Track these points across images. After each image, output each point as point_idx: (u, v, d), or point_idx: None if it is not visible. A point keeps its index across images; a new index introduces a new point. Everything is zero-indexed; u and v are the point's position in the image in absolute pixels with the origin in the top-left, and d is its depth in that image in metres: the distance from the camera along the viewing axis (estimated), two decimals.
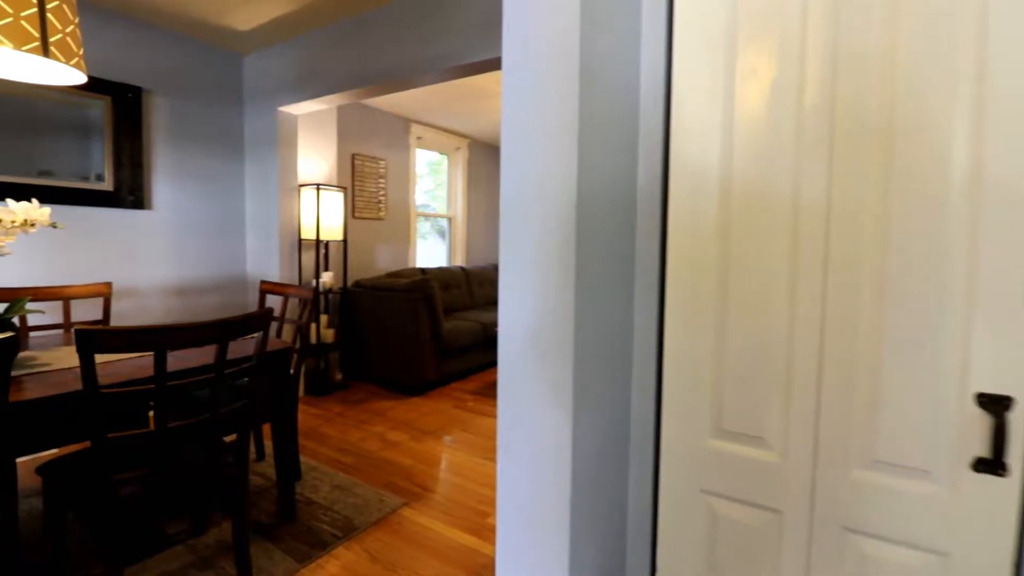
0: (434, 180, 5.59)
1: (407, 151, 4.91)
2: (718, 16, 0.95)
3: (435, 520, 1.94)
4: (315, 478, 2.26)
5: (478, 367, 4.22)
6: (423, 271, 4.50)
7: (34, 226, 1.39)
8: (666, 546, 1.07)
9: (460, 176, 5.67)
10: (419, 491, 2.17)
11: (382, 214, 4.64)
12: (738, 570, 1.00)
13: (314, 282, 3.61)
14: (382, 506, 2.02)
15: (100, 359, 1.62)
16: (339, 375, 3.78)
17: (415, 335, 3.52)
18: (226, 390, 1.41)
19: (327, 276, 3.61)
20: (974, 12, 0.75)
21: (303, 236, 3.50)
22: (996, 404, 0.76)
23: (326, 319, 3.66)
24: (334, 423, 2.99)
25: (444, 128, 5.29)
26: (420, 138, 5.07)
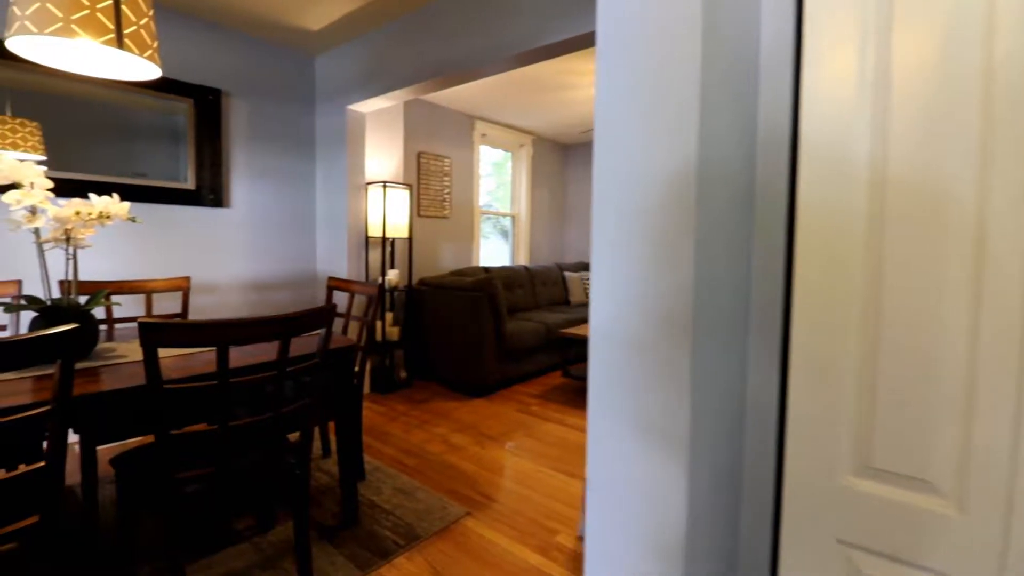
0: (496, 180, 5.51)
1: (471, 149, 4.86)
2: None
3: (500, 534, 1.82)
4: (378, 479, 2.21)
5: (541, 370, 4.07)
6: (486, 270, 4.42)
7: (110, 218, 1.41)
8: None
9: (524, 174, 5.56)
10: (483, 500, 2.05)
11: (446, 212, 4.61)
12: None
13: (380, 279, 3.61)
14: (445, 514, 1.92)
15: (177, 352, 1.63)
16: (403, 373, 3.76)
17: (478, 335, 3.43)
18: (291, 387, 1.36)
19: (392, 274, 3.60)
20: None
21: (370, 234, 3.51)
22: None
23: (391, 316, 3.66)
24: (398, 422, 2.95)
25: (508, 125, 5.20)
26: (484, 135, 5.00)
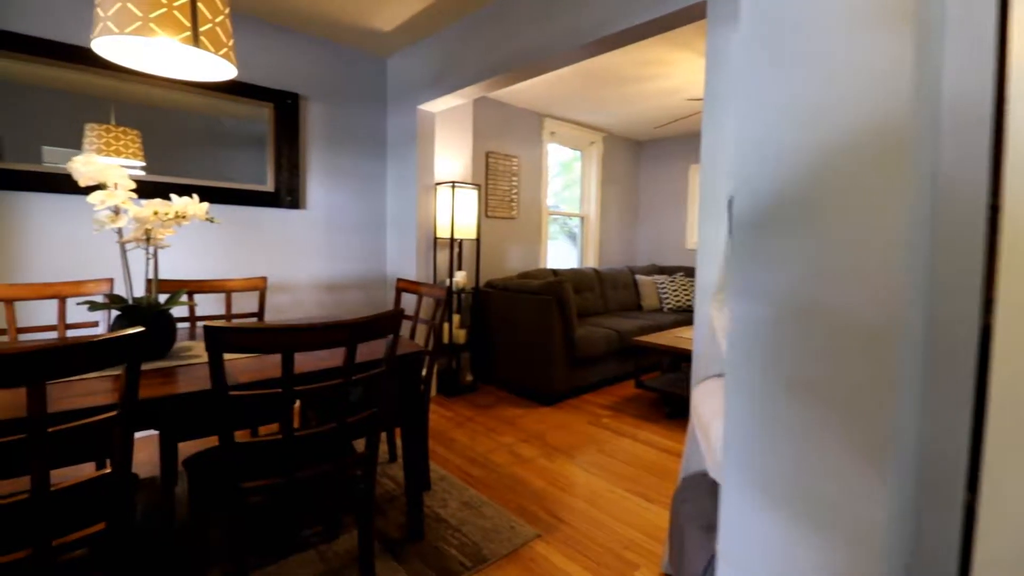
0: (563, 181, 5.33)
1: (540, 147, 4.73)
2: None
3: (574, 563, 1.66)
4: (444, 489, 2.12)
5: (612, 379, 3.86)
6: (555, 272, 4.27)
7: (185, 218, 1.41)
8: None
9: (594, 173, 5.35)
10: (553, 521, 1.90)
11: (514, 213, 4.51)
12: None
13: (447, 281, 3.57)
14: (513, 535, 1.79)
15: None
16: (469, 376, 3.69)
17: (546, 340, 3.28)
18: (358, 393, 1.28)
19: (460, 275, 3.54)
20: None
21: (438, 235, 3.47)
22: None
23: (458, 319, 3.60)
24: (463, 428, 2.87)
25: (578, 122, 5.02)
26: (553, 133, 4.85)
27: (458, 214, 3.45)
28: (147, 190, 2.57)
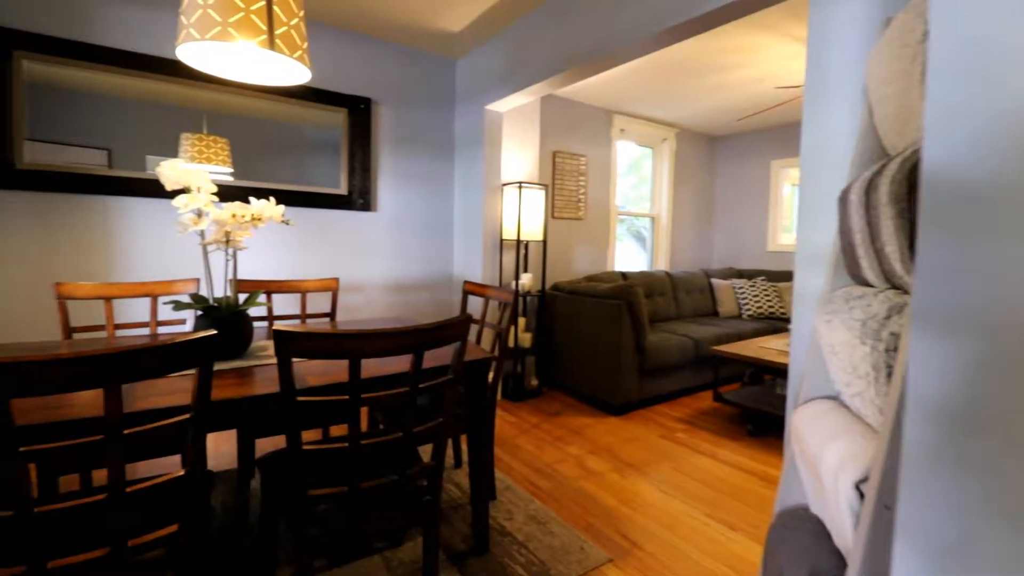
0: (632, 180, 5.11)
1: (608, 146, 4.56)
2: None
3: None
4: (509, 501, 2.04)
5: (686, 390, 3.63)
6: (624, 275, 4.09)
7: (261, 220, 1.42)
8: None
9: (665, 171, 5.09)
10: (626, 545, 1.77)
11: (581, 214, 4.38)
12: None
13: (513, 283, 3.50)
14: (583, 557, 1.68)
15: None
16: (534, 381, 3.61)
17: (615, 346, 3.13)
18: (425, 399, 1.23)
19: (526, 278, 3.47)
20: None
21: (504, 236, 3.42)
22: None
23: (523, 322, 3.53)
24: (529, 435, 2.79)
25: (649, 118, 4.80)
26: (623, 130, 4.67)
27: (524, 215, 3.38)
28: (233, 194, 2.70)
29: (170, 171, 1.33)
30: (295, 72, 1.47)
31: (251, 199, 1.53)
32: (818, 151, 1.45)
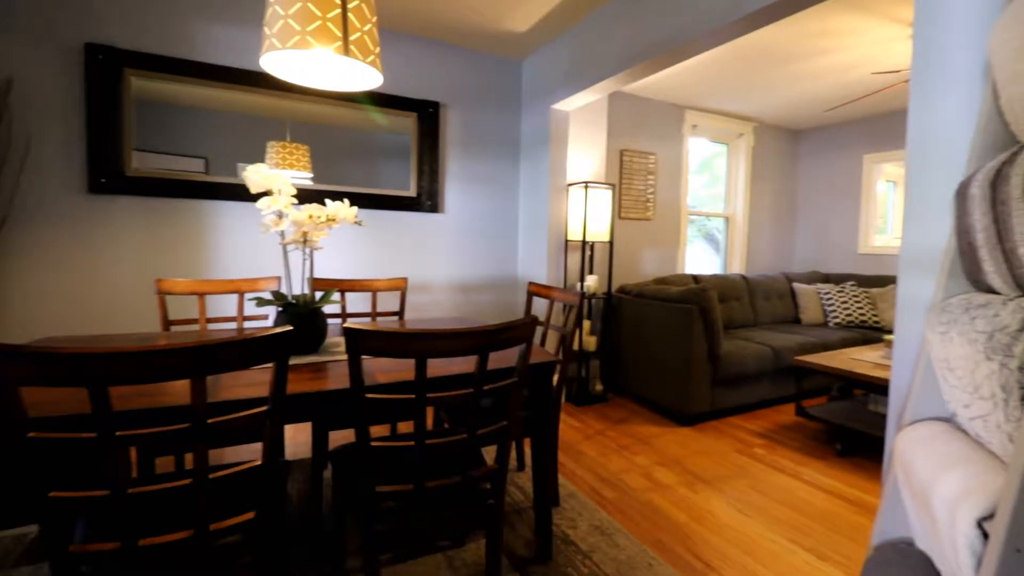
0: (703, 179, 4.86)
1: (679, 143, 4.37)
2: None
3: None
4: (573, 508, 1.99)
5: (764, 402, 3.39)
6: (696, 278, 3.89)
7: (335, 221, 1.47)
8: None
9: (742, 168, 4.81)
10: (699, 566, 1.66)
11: (649, 214, 4.23)
12: None
13: (578, 286, 3.44)
14: (652, 575, 1.59)
15: None
16: (599, 386, 3.52)
17: (686, 353, 2.98)
18: (490, 400, 1.21)
19: (591, 280, 3.39)
20: None
21: (569, 237, 3.36)
22: None
23: (588, 325, 3.45)
24: (593, 441, 2.71)
25: (724, 112, 4.55)
26: (695, 126, 4.46)
27: (590, 215, 3.30)
28: (312, 197, 2.85)
29: (254, 175, 1.41)
30: (368, 77, 1.51)
31: (327, 201, 1.59)
32: (927, 142, 1.29)
